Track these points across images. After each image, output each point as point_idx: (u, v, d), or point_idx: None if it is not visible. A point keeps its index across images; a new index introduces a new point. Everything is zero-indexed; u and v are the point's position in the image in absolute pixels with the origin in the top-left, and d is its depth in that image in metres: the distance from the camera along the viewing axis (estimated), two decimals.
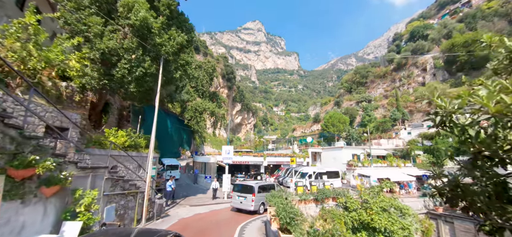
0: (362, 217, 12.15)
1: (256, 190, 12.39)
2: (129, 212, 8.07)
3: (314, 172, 24.40)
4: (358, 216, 12.52)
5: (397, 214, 12.87)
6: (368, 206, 12.69)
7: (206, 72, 32.31)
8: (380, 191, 13.60)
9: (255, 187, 12.53)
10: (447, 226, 17.02)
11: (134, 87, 9.94)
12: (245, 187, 13.11)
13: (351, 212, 12.68)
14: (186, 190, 18.94)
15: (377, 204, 12.60)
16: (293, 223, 8.09)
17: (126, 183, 7.90)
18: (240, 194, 12.97)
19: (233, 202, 13.33)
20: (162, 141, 29.56)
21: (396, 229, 12.04)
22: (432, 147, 31.67)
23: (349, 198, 13.17)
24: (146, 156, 11.42)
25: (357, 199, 13.21)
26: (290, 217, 8.03)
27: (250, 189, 12.64)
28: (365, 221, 11.97)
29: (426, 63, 63.44)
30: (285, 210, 8.06)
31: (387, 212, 12.70)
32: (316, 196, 12.34)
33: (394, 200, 13.51)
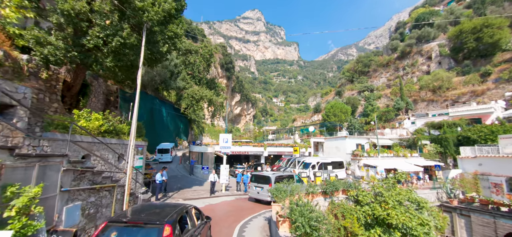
0: (376, 212, 10.79)
1: (273, 180, 12.28)
2: (103, 211, 6.62)
3: (318, 163, 23.07)
4: (371, 210, 11.17)
5: (413, 208, 11.54)
6: (383, 199, 11.32)
7: (203, 57, 30.49)
8: (395, 183, 12.22)
9: (272, 178, 12.46)
10: (462, 219, 15.80)
11: (111, 61, 8.29)
12: (262, 178, 13.25)
13: (363, 206, 11.32)
14: (181, 182, 17.58)
15: (393, 197, 11.22)
16: (316, 235, 6.07)
17: (97, 176, 6.41)
18: (257, 184, 13.16)
19: (251, 193, 13.80)
20: (158, 131, 28.09)
21: (415, 225, 10.72)
22: (439, 137, 30.32)
23: (361, 191, 11.79)
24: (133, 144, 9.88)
25: (369, 192, 11.83)
26: (310, 226, 6.04)
27: (267, 179, 12.63)
28: (380, 216, 10.61)
29: (431, 51, 61.39)
30: (303, 215, 6.21)
31: (403, 206, 11.36)
32: (325, 188, 10.92)
33: (410, 192, 12.15)
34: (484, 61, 49.93)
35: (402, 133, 41.89)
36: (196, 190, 15.37)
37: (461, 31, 52.16)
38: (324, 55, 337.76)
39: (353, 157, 26.52)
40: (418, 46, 65.66)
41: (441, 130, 31.40)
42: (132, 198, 8.19)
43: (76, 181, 5.56)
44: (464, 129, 29.43)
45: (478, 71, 48.29)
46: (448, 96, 48.40)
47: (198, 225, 5.32)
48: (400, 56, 68.91)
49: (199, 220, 5.53)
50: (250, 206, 12.00)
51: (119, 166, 8.50)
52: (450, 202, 16.52)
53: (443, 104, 48.49)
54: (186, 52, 30.24)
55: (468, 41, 50.66)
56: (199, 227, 5.27)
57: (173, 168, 21.48)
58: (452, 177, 18.81)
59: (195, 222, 5.22)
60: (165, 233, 3.65)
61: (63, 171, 5.06)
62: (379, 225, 11.12)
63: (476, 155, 18.87)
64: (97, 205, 6.37)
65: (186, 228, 4.76)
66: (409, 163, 26.64)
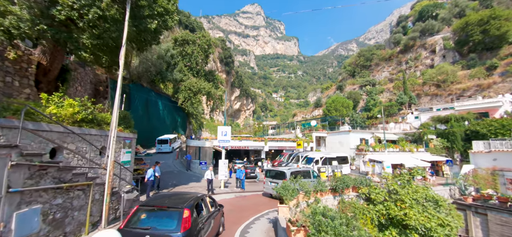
0: (392, 212, 9.70)
1: (288, 176, 12.03)
2: (74, 214, 5.48)
3: (322, 158, 21.98)
4: (385, 210, 10.09)
5: (432, 206, 10.47)
6: (398, 197, 10.24)
7: (201, 48, 29.06)
8: (411, 179, 11.13)
9: (287, 173, 12.32)
10: (478, 218, 14.78)
11: (88, 38, 7.06)
12: (277, 173, 13.16)
13: (376, 205, 10.24)
14: (177, 178, 16.46)
15: (410, 195, 10.14)
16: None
17: (65, 172, 5.25)
18: (272, 180, 13.07)
19: (266, 188, 13.70)
20: (154, 124, 26.87)
21: (434, 226, 9.64)
22: (446, 131, 29.26)
23: (373, 188, 10.69)
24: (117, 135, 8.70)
25: (383, 189, 10.74)
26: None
27: (282, 175, 12.58)
28: (397, 217, 9.53)
29: (435, 44, 59.98)
30: (336, 233, 4.67)
31: (421, 204, 10.30)
32: (335, 185, 9.81)
33: (427, 189, 11.08)
34: (490, 54, 48.65)
35: (406, 127, 40.89)
36: (193, 187, 14.27)
37: (467, 23, 50.72)
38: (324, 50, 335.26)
39: (358, 151, 25.45)
40: (421, 39, 64.20)
41: (448, 124, 30.31)
42: (115, 197, 7.04)
43: (34, 180, 4.40)
44: (472, 123, 28.35)
45: (483, 65, 47.05)
46: (452, 90, 47.25)
47: (212, 211, 6.23)
48: (403, 50, 67.51)
49: (213, 207, 6.47)
50: (251, 205, 10.92)
51: (101, 161, 7.33)
52: (464, 200, 15.49)
53: (447, 98, 47.37)
54: (183, 43, 28.81)
55: (474, 33, 49.27)
56: (213, 213, 6.21)
57: (169, 164, 20.37)
58: (465, 173, 17.77)
59: (210, 208, 6.14)
60: (185, 215, 4.45)
61: (11, 167, 3.90)
62: (394, 226, 10.06)
63: (491, 150, 17.82)
64: (66, 208, 5.22)
65: (202, 212, 5.53)
66: (415, 158, 25.62)
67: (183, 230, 4.30)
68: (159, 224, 4.54)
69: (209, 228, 5.63)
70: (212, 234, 5.86)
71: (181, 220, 4.40)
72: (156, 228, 4.40)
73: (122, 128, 9.17)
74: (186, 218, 4.47)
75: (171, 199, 5.24)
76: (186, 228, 4.38)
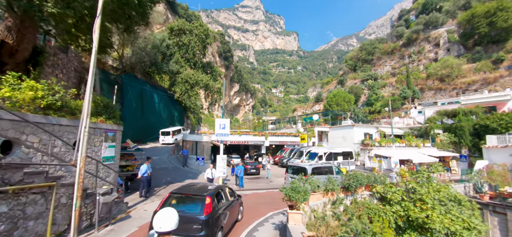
0: (412, 214, 8.58)
1: (309, 171, 11.92)
2: (28, 225, 4.29)
3: (325, 153, 20.87)
4: (404, 211, 8.97)
5: (455, 207, 9.36)
6: (418, 197, 9.12)
7: (199, 38, 27.62)
8: (430, 176, 9.99)
9: (308, 169, 12.16)
10: (496, 217, 13.75)
11: (53, 6, 5.75)
12: (298, 169, 13.01)
13: (393, 206, 9.12)
14: (172, 175, 15.30)
15: (431, 194, 9.01)
16: None
17: (11, 172, 4.04)
18: (293, 176, 12.69)
19: (286, 184, 12.97)
20: (148, 118, 25.60)
21: (459, 229, 8.55)
22: (454, 125, 28.17)
23: (389, 187, 9.56)
24: (96, 127, 7.48)
25: (400, 188, 9.61)
26: None
27: (303, 170, 12.34)
28: (418, 219, 8.41)
29: (439, 37, 58.57)
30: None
31: (444, 205, 9.19)
32: (348, 183, 8.67)
33: (447, 187, 9.97)
34: (496, 48, 47.39)
35: (409, 122, 39.84)
36: None
37: (473, 15, 49.31)
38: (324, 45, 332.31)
39: (363, 146, 24.35)
40: (425, 33, 62.72)
41: (455, 119, 29.20)
42: (90, 200, 5.87)
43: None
44: (481, 117, 27.25)
45: (489, 58, 45.84)
46: (457, 84, 46.10)
47: (231, 200, 7.05)
48: (406, 43, 66.06)
49: (232, 197, 7.29)
50: (253, 206, 9.79)
51: (59, 157, 6.08)
52: (481, 198, 14.45)
53: (452, 92, 46.25)
54: (180, 32, 27.36)
55: (480, 26, 47.91)
56: (232, 202, 7.05)
57: (164, 159, 19.19)
58: (479, 169, 16.72)
59: (229, 198, 6.94)
60: (207, 202, 5.36)
61: None
62: (413, 229, 8.94)
63: (507, 145, 16.74)
64: (15, 217, 4.03)
65: (222, 201, 6.28)
66: (422, 153, 24.59)
67: (205, 213, 5.15)
68: (187, 208, 5.38)
69: (228, 214, 6.45)
70: (231, 220, 6.82)
71: (204, 206, 5.23)
72: (184, 212, 5.15)
73: (104, 119, 7.94)
74: (208, 204, 5.28)
75: (197, 189, 6.12)
76: (208, 212, 5.21)
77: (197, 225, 5.03)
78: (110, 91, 18.97)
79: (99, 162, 7.02)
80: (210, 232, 5.12)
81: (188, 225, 4.98)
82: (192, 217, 5.12)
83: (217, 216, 5.55)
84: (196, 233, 4.95)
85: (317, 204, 7.56)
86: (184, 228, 4.85)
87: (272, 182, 15.92)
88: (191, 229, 4.98)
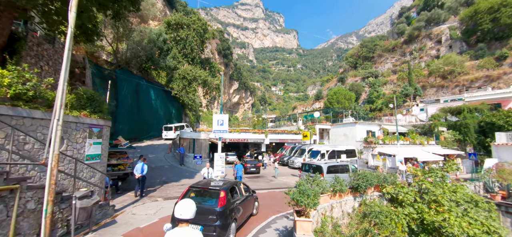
0: (427, 217, 7.86)
1: (325, 170, 11.95)
2: None
3: (328, 151, 20.15)
4: (417, 213, 8.27)
5: (472, 209, 8.67)
6: (432, 198, 8.41)
7: (196, 32, 26.73)
8: (444, 176, 9.28)
9: (324, 168, 12.10)
10: (509, 218, 13.07)
11: None
12: (313, 168, 12.91)
13: (405, 208, 8.41)
14: (168, 174, 14.55)
15: (447, 195, 8.30)
16: None
17: None
18: (308, 174, 12.30)
19: None
20: (145, 115, 24.77)
21: (478, 233, 7.85)
22: (458, 123, 27.49)
23: (400, 187, 8.84)
24: (78, 121, 6.70)
25: (412, 189, 8.90)
26: None
27: (319, 169, 12.33)
28: (434, 223, 7.69)
29: (441, 34, 57.82)
30: None
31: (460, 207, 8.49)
32: (357, 184, 7.93)
33: (462, 187, 9.27)
34: (499, 44, 46.68)
35: (411, 120, 39.19)
36: (184, 184, 12.37)
37: (476, 11, 48.54)
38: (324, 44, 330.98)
39: (366, 144, 23.65)
40: (426, 29, 61.93)
41: (460, 116, 28.51)
42: (68, 204, 5.11)
43: None
44: (487, 114, 26.57)
45: (493, 55, 45.13)
46: (460, 82, 45.40)
47: (246, 195, 7.45)
48: (407, 40, 65.30)
49: (246, 193, 7.65)
50: None
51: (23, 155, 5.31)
52: (492, 198, 13.76)
53: (454, 89, 45.56)
54: (177, 27, 26.48)
55: (483, 22, 47.15)
56: (247, 197, 7.46)
57: (160, 157, 18.43)
58: (489, 168, 16.03)
59: (243, 193, 7.36)
60: (221, 195, 5.82)
61: None
62: (427, 233, 8.25)
63: None
64: None
65: (236, 195, 6.83)
66: (426, 151, 23.93)
67: (220, 205, 5.59)
68: (204, 201, 5.92)
69: (242, 208, 6.84)
70: (245, 213, 7.20)
71: (219, 199, 5.67)
72: (201, 203, 5.72)
73: (88, 113, 7.16)
74: (222, 198, 5.71)
75: (214, 184, 6.50)
76: (222, 204, 5.64)
77: (213, 215, 5.54)
78: (103, 86, 18.13)
79: (79, 161, 6.24)
80: (224, 223, 5.57)
81: (205, 215, 5.57)
82: (208, 209, 5.67)
83: (231, 209, 5.99)
84: (212, 223, 5.46)
85: (324, 206, 6.84)
86: (202, 218, 5.49)
87: (272, 181, 15.19)
88: (207, 219, 5.53)
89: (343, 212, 7.49)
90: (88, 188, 5.85)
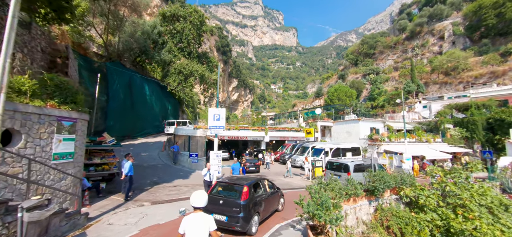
0: (455, 225, 6.79)
1: (351, 168, 11.61)
2: None
3: (331, 149, 19.08)
4: (441, 220, 7.20)
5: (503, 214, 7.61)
6: (458, 203, 7.35)
7: (193, 25, 25.47)
8: (469, 176, 8.22)
9: (350, 166, 11.75)
10: None
11: None
12: (339, 166, 12.59)
13: (427, 214, 7.33)
14: (160, 174, 13.43)
15: (475, 199, 7.23)
16: None
17: None
18: (334, 172, 12.49)
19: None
20: (139, 112, 23.49)
21: None
22: (466, 120, 26.50)
23: (419, 189, 7.77)
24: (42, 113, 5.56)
25: (434, 191, 7.83)
26: None
27: (345, 167, 12.02)
28: (464, 232, 6.62)
29: (444, 30, 56.76)
30: None
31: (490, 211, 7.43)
32: (373, 186, 6.84)
33: (490, 189, 8.21)
34: (503, 40, 45.70)
35: (414, 117, 38.20)
36: (177, 186, 11.25)
37: (480, 7, 47.51)
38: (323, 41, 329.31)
39: (371, 142, 22.61)
40: (429, 25, 60.86)
41: (467, 113, 27.51)
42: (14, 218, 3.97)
43: None
44: (496, 111, 25.58)
45: (497, 51, 44.16)
46: (464, 78, 44.40)
47: (270, 191, 7.84)
48: (409, 37, 64.25)
49: (271, 189, 8.05)
50: None
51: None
52: (510, 198, 12.75)
53: (457, 86, 44.58)
54: (173, 19, 25.21)
55: (488, 17, 46.14)
56: (272, 193, 7.91)
57: (154, 156, 17.28)
58: (504, 166, 15.03)
59: (267, 189, 7.70)
60: (244, 190, 6.21)
61: None
62: None
63: None
64: None
65: (259, 191, 7.14)
66: (433, 149, 22.97)
67: (243, 199, 6.07)
68: (229, 194, 6.56)
69: (266, 203, 7.08)
70: (269, 208, 7.39)
71: (242, 193, 6.18)
72: (226, 197, 6.46)
73: (56, 103, 6.01)
74: (245, 192, 6.21)
75: (238, 180, 7.12)
76: (245, 198, 6.12)
77: (237, 207, 5.96)
78: (92, 80, 16.94)
79: (37, 161, 5.09)
80: (247, 215, 5.96)
81: (229, 207, 6.05)
82: (233, 201, 6.13)
83: (254, 203, 6.37)
84: (236, 214, 5.89)
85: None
86: (226, 209, 6.06)
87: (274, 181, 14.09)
88: (232, 210, 5.99)
89: (358, 219, 6.41)
90: (43, 196, 4.72)
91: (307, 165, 14.92)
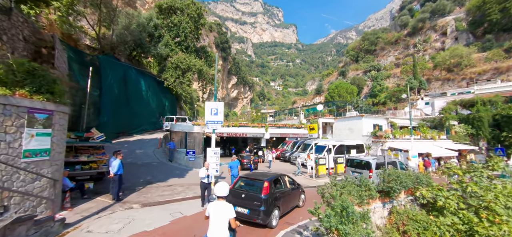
0: (480, 230, 6.05)
1: (373, 166, 11.39)
2: None
3: (334, 146, 18.34)
4: (463, 223, 6.48)
5: None
6: (482, 205, 6.63)
7: (191, 18, 24.56)
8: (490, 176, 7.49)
9: (372, 164, 11.53)
10: None
11: None
12: (360, 163, 12.36)
13: (447, 217, 6.61)
14: (154, 172, 12.67)
15: (502, 200, 6.51)
16: None
17: None
18: (355, 170, 12.39)
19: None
20: (134, 108, 22.63)
21: None
22: (471, 116, 25.81)
23: (437, 189, 7.04)
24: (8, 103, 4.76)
25: (454, 192, 7.10)
26: None
27: (367, 165, 11.82)
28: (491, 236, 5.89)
29: (447, 25, 55.88)
30: None
31: None
32: (388, 187, 6.10)
33: None
34: (507, 36, 44.93)
35: (416, 114, 37.53)
36: (172, 185, 10.50)
37: (484, 2, 46.61)
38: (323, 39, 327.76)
39: (375, 139, 21.90)
40: (431, 21, 59.96)
41: (472, 109, 26.81)
42: None
43: None
44: (502, 107, 24.88)
45: (501, 46, 43.39)
46: (467, 74, 43.66)
47: (290, 187, 7.96)
48: (411, 33, 63.36)
49: (291, 185, 8.13)
50: None
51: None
52: None
53: (460, 82, 43.85)
54: (169, 11, 24.29)
55: (492, 12, 45.28)
56: (292, 189, 8.00)
57: (149, 153, 16.51)
58: None
59: (287, 185, 7.85)
60: (265, 185, 6.45)
61: None
62: None
63: None
64: None
65: (280, 186, 7.37)
66: (439, 146, 22.27)
67: (264, 194, 6.32)
68: (250, 189, 6.85)
69: (286, 198, 7.39)
70: (289, 203, 7.70)
71: (263, 188, 6.41)
72: (248, 191, 6.77)
73: (26, 92, 5.22)
74: (266, 187, 6.44)
75: (259, 175, 7.32)
76: (266, 193, 6.35)
77: (258, 201, 6.25)
78: (84, 73, 16.06)
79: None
80: (268, 209, 6.22)
81: (251, 201, 6.38)
82: (255, 195, 6.43)
83: (274, 197, 6.60)
84: (257, 207, 6.18)
85: None
86: (248, 203, 6.41)
87: None
88: (253, 204, 6.29)
89: (374, 224, 5.66)
90: (3, 201, 3.95)
91: (310, 162, 14.18)
